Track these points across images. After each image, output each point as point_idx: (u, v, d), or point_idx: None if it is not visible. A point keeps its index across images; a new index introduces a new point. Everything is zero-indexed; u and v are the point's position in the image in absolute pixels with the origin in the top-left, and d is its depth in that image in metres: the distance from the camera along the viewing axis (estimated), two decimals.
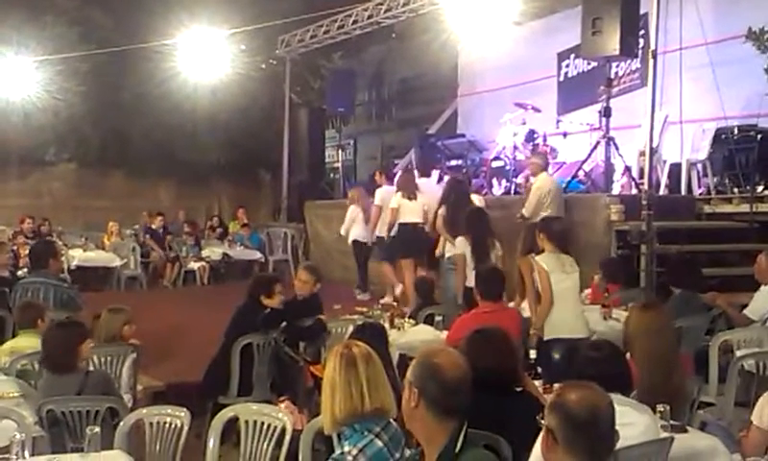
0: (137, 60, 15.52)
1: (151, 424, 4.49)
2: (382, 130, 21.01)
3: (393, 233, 10.80)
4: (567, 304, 6.37)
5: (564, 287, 6.39)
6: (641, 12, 10.40)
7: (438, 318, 7.05)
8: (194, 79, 15.31)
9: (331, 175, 18.27)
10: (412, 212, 10.63)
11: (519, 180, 11.78)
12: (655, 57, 9.35)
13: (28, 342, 5.79)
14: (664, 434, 3.70)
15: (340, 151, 17.38)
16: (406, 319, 7.23)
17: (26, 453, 3.81)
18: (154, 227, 15.06)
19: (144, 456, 4.42)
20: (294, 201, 16.19)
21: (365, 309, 8.13)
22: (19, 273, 8.82)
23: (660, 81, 9.71)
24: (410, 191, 10.72)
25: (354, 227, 11.80)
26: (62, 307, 7.06)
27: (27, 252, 9.33)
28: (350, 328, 6.46)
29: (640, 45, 10.78)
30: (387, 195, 11.13)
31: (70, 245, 13.76)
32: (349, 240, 11.85)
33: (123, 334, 6.11)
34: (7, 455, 3.80)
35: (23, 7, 15.65)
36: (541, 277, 6.39)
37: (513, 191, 11.84)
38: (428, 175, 12.49)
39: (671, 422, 3.89)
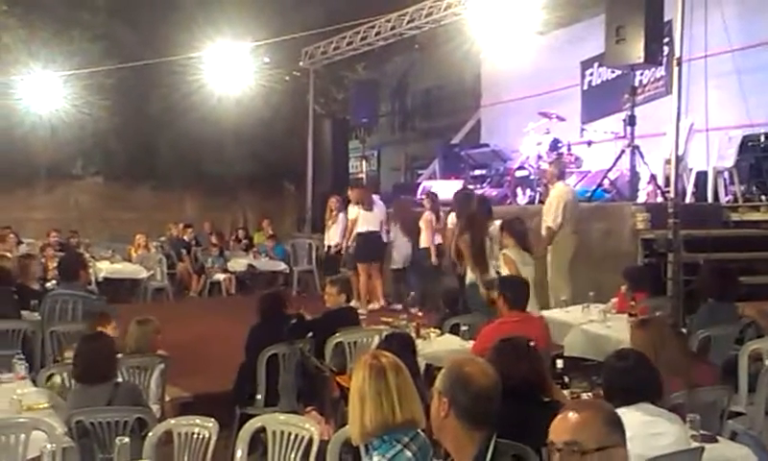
0: (162, 73, 15.67)
1: (179, 434, 4.51)
2: (406, 140, 21.05)
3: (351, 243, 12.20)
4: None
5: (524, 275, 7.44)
6: (665, 19, 10.34)
7: (464, 328, 7.01)
8: (219, 92, 15.43)
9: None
10: (368, 221, 12.02)
11: (542, 189, 11.77)
12: (680, 64, 9.27)
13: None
14: (695, 444, 3.67)
15: (364, 162, 17.44)
16: (432, 329, 7.21)
17: None
18: (186, 238, 15.17)
19: None
20: (318, 212, 16.21)
21: (390, 319, 8.12)
22: (48, 285, 8.91)
23: (685, 88, 9.61)
24: (367, 203, 12.09)
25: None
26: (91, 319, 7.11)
27: (55, 264, 9.44)
28: (376, 339, 6.47)
29: (665, 53, 10.73)
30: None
31: (97, 257, 13.90)
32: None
33: (151, 345, 6.16)
34: None
35: (51, 22, 15.88)
36: (510, 266, 7.80)
37: (537, 201, 11.81)
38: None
39: (701, 431, 3.85)
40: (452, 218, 9.69)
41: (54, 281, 8.81)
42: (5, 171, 16.43)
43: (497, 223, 8.58)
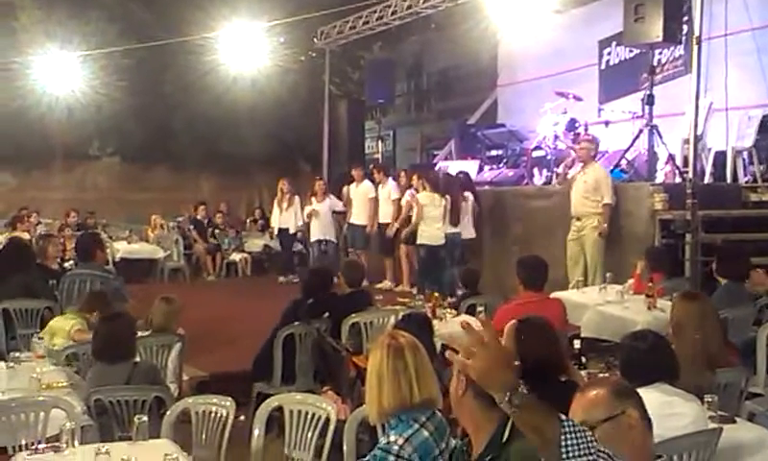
0: (179, 53, 15.68)
1: (197, 413, 4.55)
2: (421, 120, 20.96)
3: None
4: (429, 223, 10.78)
5: (432, 215, 10.74)
6: None
7: (480, 308, 7.01)
8: (234, 72, 15.40)
9: (370, 166, 18.29)
10: None
11: (560, 169, 11.70)
12: (699, 43, 9.17)
13: (64, 322, 5.99)
14: (713, 425, 3.66)
15: (379, 142, 17.39)
16: (448, 309, 7.22)
17: (75, 442, 3.87)
18: (198, 217, 15.22)
19: (190, 445, 4.47)
20: (334, 192, 16.24)
21: (407, 300, 8.13)
22: (66, 265, 8.97)
23: (704, 67, 9.51)
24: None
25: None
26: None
27: (73, 244, 9.50)
28: (392, 319, 6.49)
29: (684, 31, 10.62)
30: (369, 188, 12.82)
31: (115, 237, 13.98)
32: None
33: (176, 323, 6.23)
34: (57, 443, 3.88)
35: (67, 3, 15.90)
36: (419, 207, 10.86)
37: (553, 181, 11.76)
38: None
39: (719, 412, 3.84)
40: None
41: (72, 262, 8.87)
42: (22, 152, 16.53)
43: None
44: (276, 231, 13.74)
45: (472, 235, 11.18)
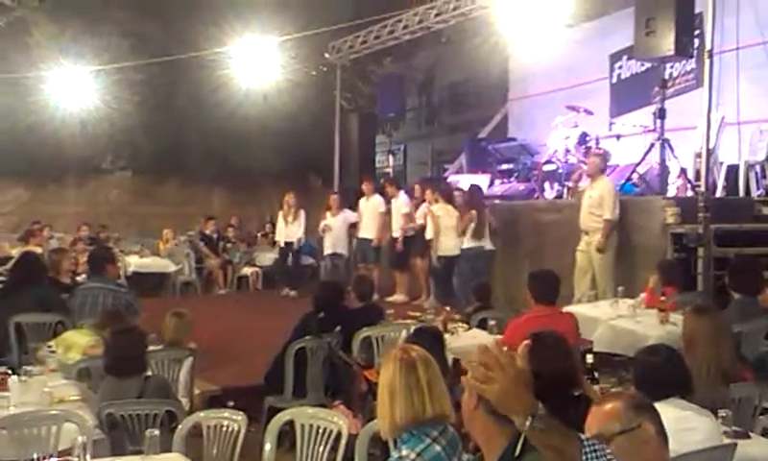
0: (190, 68, 15.76)
1: (208, 427, 4.54)
2: (432, 134, 20.98)
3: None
4: (446, 235, 11.09)
5: (446, 226, 11.11)
6: (696, 11, 10.22)
7: (491, 322, 7.00)
8: (246, 86, 15.45)
9: (381, 180, 18.31)
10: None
11: (571, 183, 11.69)
12: (711, 56, 9.15)
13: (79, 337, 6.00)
14: (727, 440, 3.63)
15: (390, 156, 17.42)
16: (460, 323, 7.20)
17: (87, 456, 3.87)
18: (207, 232, 15.25)
19: (201, 459, 4.46)
20: (345, 206, 16.25)
21: (418, 314, 8.12)
22: (78, 279, 8.99)
23: (716, 81, 9.50)
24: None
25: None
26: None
27: (85, 258, 9.53)
28: (403, 333, 6.47)
29: (695, 45, 10.60)
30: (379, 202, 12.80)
31: (126, 251, 14.02)
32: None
33: (187, 337, 6.24)
34: (69, 457, 3.88)
35: (80, 18, 16.02)
36: (434, 220, 11.20)
37: (565, 195, 11.75)
38: None
39: (733, 427, 3.81)
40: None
41: (84, 275, 8.90)
42: (36, 166, 16.62)
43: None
44: (281, 244, 13.73)
45: (492, 248, 11.20)
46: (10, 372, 5.28)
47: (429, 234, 11.44)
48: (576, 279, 9.42)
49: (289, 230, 13.40)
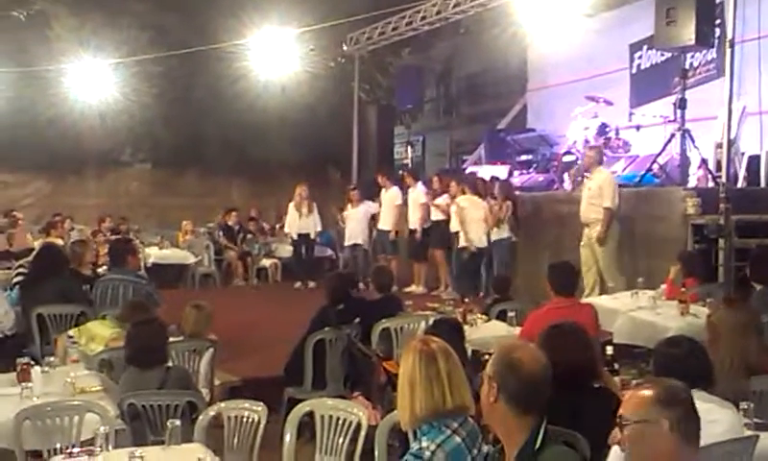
0: (209, 60, 15.79)
1: (229, 418, 4.57)
2: (451, 126, 20.92)
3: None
4: (473, 226, 11.20)
5: (473, 217, 11.23)
6: (717, 0, 10.13)
7: (511, 314, 6.99)
8: (264, 78, 15.48)
9: (400, 172, 18.30)
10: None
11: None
12: (732, 46, 9.07)
13: (102, 329, 6.03)
14: (749, 432, 3.61)
15: (409, 147, 17.39)
16: (479, 315, 7.20)
17: (109, 446, 3.91)
18: (230, 223, 15.30)
19: (222, 449, 4.49)
20: (363, 198, 16.25)
21: (437, 305, 8.13)
22: (99, 270, 9.06)
23: (737, 71, 9.41)
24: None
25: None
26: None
27: (106, 250, 9.60)
28: (422, 325, 6.47)
29: (716, 34, 10.51)
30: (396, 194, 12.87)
31: (146, 243, 14.11)
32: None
33: (207, 329, 6.27)
34: (91, 447, 3.92)
35: (100, 11, 16.09)
36: (460, 212, 11.32)
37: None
38: None
39: (755, 419, 3.79)
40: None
41: (105, 267, 8.96)
42: (56, 159, 16.72)
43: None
44: (294, 236, 13.73)
45: (515, 239, 11.21)
46: (32, 363, 5.34)
47: (455, 226, 11.45)
48: (583, 274, 9.35)
49: (303, 222, 13.42)
